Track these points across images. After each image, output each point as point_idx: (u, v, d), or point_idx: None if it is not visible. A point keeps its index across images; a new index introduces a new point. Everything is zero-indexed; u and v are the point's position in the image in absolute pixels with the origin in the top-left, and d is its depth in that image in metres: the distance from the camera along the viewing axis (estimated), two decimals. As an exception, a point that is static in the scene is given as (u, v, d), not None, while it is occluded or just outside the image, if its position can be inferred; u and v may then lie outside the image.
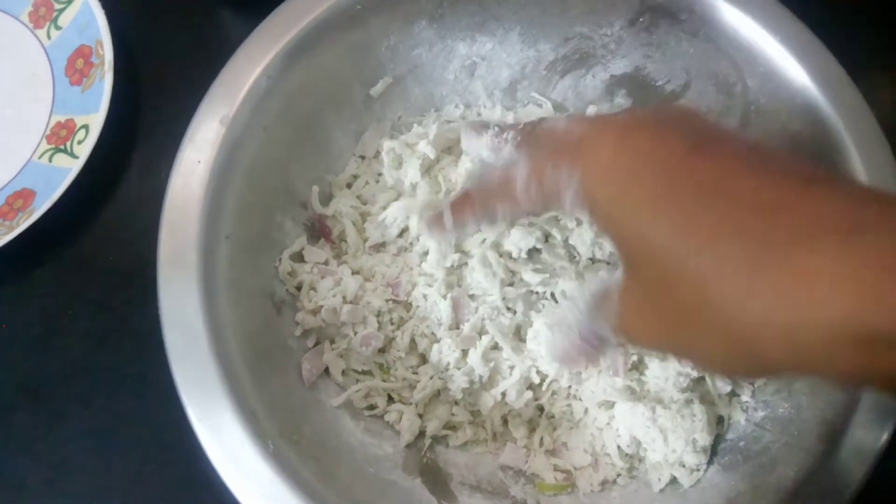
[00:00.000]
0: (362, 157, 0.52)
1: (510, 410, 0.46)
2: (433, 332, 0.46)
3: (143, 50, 0.58)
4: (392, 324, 0.47)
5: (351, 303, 0.46)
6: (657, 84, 0.50)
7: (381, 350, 0.46)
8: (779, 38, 0.45)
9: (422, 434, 0.46)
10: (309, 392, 0.45)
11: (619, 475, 0.45)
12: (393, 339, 0.46)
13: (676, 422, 0.43)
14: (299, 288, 0.47)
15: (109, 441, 0.48)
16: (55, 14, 0.58)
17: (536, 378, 0.45)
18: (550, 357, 0.43)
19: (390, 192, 0.50)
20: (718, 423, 0.45)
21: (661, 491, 0.44)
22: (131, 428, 0.48)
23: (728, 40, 0.46)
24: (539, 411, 0.46)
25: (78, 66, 0.57)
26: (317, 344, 0.47)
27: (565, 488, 0.45)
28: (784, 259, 0.23)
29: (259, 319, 0.44)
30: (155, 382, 0.44)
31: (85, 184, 0.51)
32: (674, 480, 0.44)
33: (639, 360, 0.45)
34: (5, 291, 0.52)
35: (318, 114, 0.49)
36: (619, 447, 0.44)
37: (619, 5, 0.48)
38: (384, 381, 0.46)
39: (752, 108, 0.47)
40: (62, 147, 0.54)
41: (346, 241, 0.49)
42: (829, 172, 0.25)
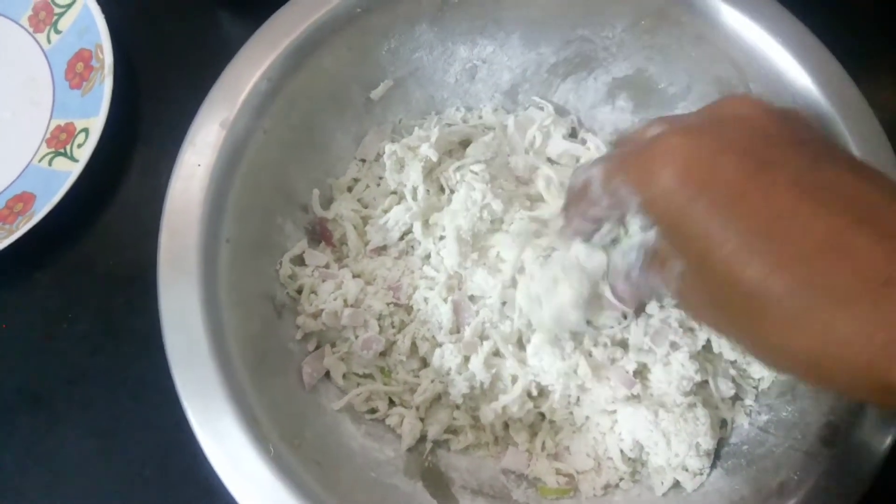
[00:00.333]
0: (363, 161, 0.52)
1: (511, 416, 0.45)
2: (434, 336, 0.46)
3: (142, 53, 0.58)
4: (393, 327, 0.47)
5: (352, 306, 0.46)
6: (659, 87, 0.50)
7: (382, 353, 0.46)
8: (780, 41, 0.45)
9: (423, 438, 0.45)
10: (310, 396, 0.45)
11: (621, 479, 0.45)
12: (394, 342, 0.46)
13: (679, 425, 0.43)
14: (300, 291, 0.47)
15: (109, 444, 0.48)
16: (55, 18, 0.58)
17: (535, 392, 0.45)
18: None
19: (391, 195, 0.50)
20: (722, 426, 0.45)
21: (663, 495, 0.43)
22: (131, 431, 0.48)
23: (729, 42, 0.46)
24: (541, 416, 0.46)
25: (78, 70, 0.57)
26: (317, 347, 0.46)
27: (567, 492, 0.44)
28: (827, 311, 0.26)
29: (260, 323, 0.44)
30: (155, 386, 0.44)
31: (85, 187, 0.51)
32: (677, 484, 0.43)
33: (642, 365, 0.45)
34: (6, 295, 0.52)
35: (318, 117, 0.49)
36: (621, 451, 0.44)
37: (620, 8, 0.48)
38: (385, 384, 0.46)
39: (754, 110, 0.47)
40: (62, 150, 0.54)
41: (346, 244, 0.49)
42: (880, 198, 0.27)
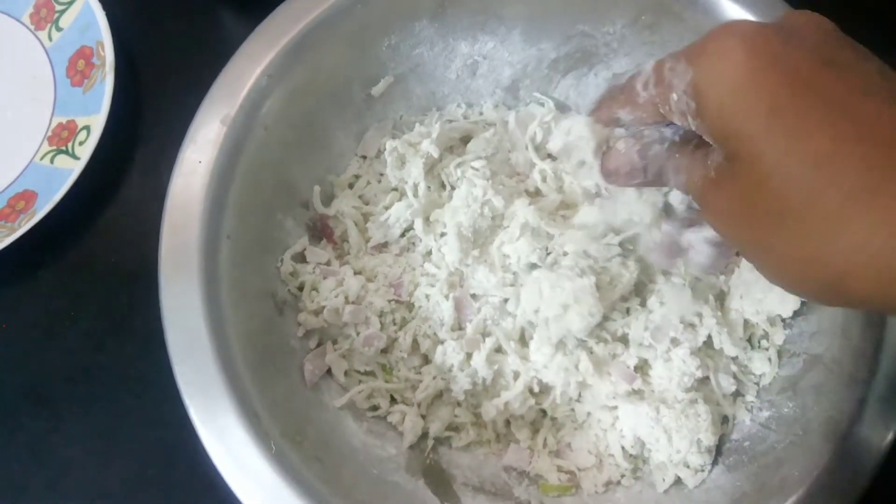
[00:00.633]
0: (364, 157, 0.52)
1: (512, 413, 0.46)
2: (435, 333, 0.46)
3: (143, 51, 0.58)
4: (394, 324, 0.47)
5: (353, 303, 0.46)
6: (660, 82, 0.50)
7: (384, 351, 0.46)
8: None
9: (425, 435, 0.46)
10: (311, 393, 0.45)
11: (623, 476, 0.45)
12: (395, 339, 0.46)
13: (681, 422, 0.43)
14: (301, 288, 0.47)
15: (111, 442, 0.48)
16: (56, 15, 0.58)
17: (537, 388, 0.45)
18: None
19: (392, 192, 0.50)
20: (723, 423, 0.45)
21: (665, 492, 0.43)
22: (133, 429, 0.48)
23: (731, 38, 0.46)
24: (542, 413, 0.46)
25: (79, 68, 0.57)
26: (319, 345, 0.46)
27: (569, 489, 0.44)
28: (891, 196, 0.23)
29: (261, 320, 0.44)
30: (157, 383, 0.45)
31: (86, 185, 0.51)
32: (678, 481, 0.43)
33: (643, 361, 0.45)
34: (7, 293, 0.52)
35: (319, 113, 0.49)
36: (623, 448, 0.44)
37: (621, 3, 0.48)
38: (387, 381, 0.46)
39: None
40: (63, 148, 0.54)
41: (348, 241, 0.49)
42: None
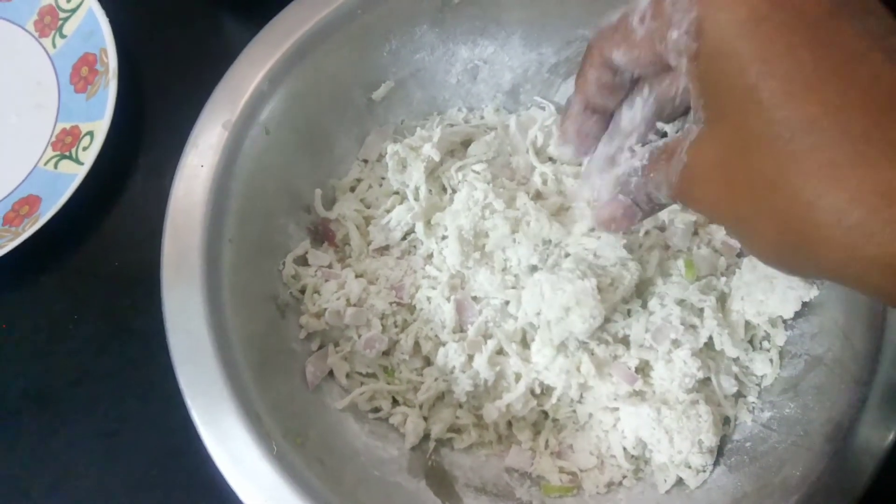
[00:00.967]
0: (365, 161, 0.52)
1: (514, 414, 0.46)
2: (437, 335, 0.46)
3: (146, 57, 0.59)
4: (396, 326, 0.47)
5: (355, 306, 0.46)
6: (659, 85, 0.50)
7: (386, 353, 0.46)
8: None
9: (426, 437, 0.46)
10: (313, 395, 0.45)
11: (624, 477, 0.45)
12: (397, 341, 0.46)
13: (682, 423, 0.43)
14: (303, 291, 0.47)
15: (114, 445, 0.48)
16: (60, 23, 0.59)
17: (539, 390, 0.45)
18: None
19: (394, 195, 0.50)
20: (724, 423, 0.45)
21: (667, 492, 0.43)
22: (136, 432, 0.48)
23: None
24: (544, 415, 0.46)
25: (83, 74, 0.57)
26: (321, 347, 0.47)
27: (571, 490, 0.44)
28: (874, 168, 0.22)
29: (263, 323, 0.44)
30: (159, 386, 0.45)
31: (90, 190, 0.52)
32: (680, 482, 0.43)
33: (644, 362, 0.45)
34: (11, 297, 0.53)
35: (320, 118, 0.49)
36: (624, 449, 0.44)
37: (621, 8, 0.48)
38: (388, 383, 0.46)
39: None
40: (67, 154, 0.55)
41: (349, 244, 0.49)
42: None
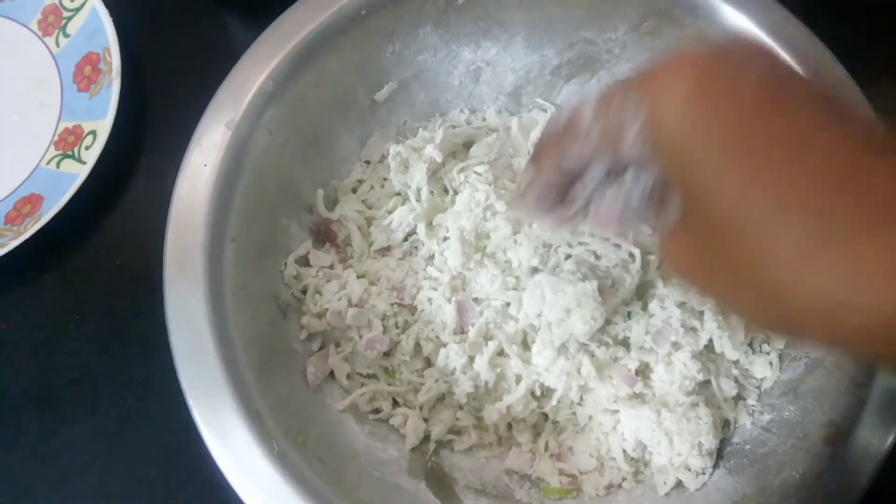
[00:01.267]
0: (367, 162, 0.52)
1: (514, 416, 0.46)
2: (438, 336, 0.46)
3: (150, 56, 0.59)
4: (397, 327, 0.47)
5: (356, 306, 0.46)
6: (661, 88, 0.50)
7: (386, 354, 0.46)
8: (782, 43, 0.44)
9: (427, 438, 0.46)
10: (314, 395, 0.45)
11: (624, 479, 0.45)
12: (398, 342, 0.47)
13: (682, 425, 0.43)
14: (304, 291, 0.47)
15: (116, 444, 0.48)
16: (63, 22, 0.59)
17: (539, 392, 0.45)
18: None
19: (396, 196, 0.50)
20: (724, 426, 0.45)
21: (666, 495, 0.43)
22: (137, 431, 0.48)
23: (732, 45, 0.46)
24: (544, 417, 0.46)
25: (86, 73, 0.57)
26: (322, 347, 0.47)
27: (570, 492, 0.44)
28: (844, 243, 0.23)
29: (264, 323, 0.44)
30: (161, 386, 0.45)
31: (92, 189, 0.52)
32: (679, 484, 0.43)
33: (644, 364, 0.45)
34: (13, 296, 0.53)
35: (323, 118, 0.49)
36: (624, 451, 0.44)
37: (623, 10, 0.49)
38: (389, 384, 0.46)
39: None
40: (70, 153, 0.55)
41: (351, 245, 0.49)
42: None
